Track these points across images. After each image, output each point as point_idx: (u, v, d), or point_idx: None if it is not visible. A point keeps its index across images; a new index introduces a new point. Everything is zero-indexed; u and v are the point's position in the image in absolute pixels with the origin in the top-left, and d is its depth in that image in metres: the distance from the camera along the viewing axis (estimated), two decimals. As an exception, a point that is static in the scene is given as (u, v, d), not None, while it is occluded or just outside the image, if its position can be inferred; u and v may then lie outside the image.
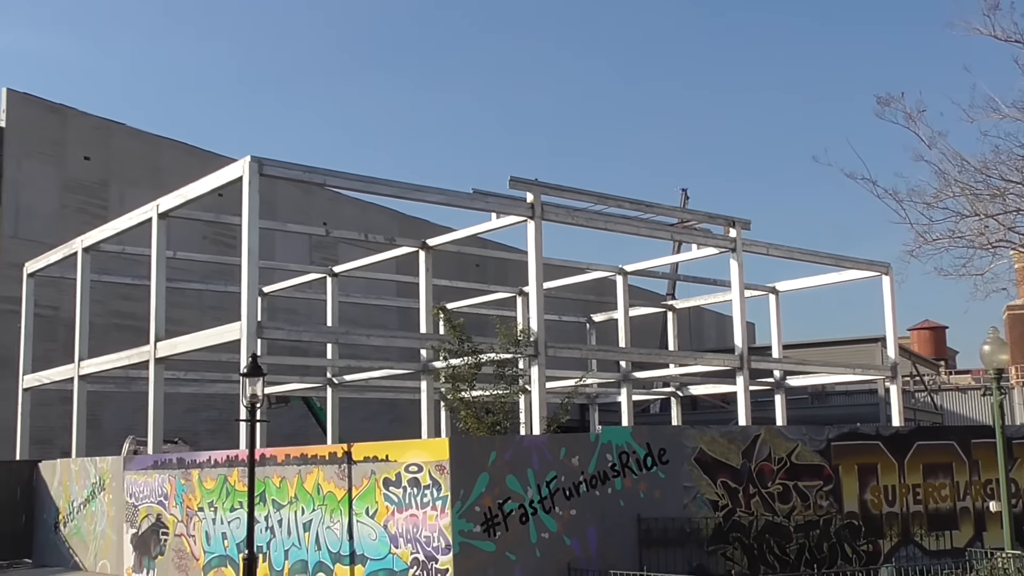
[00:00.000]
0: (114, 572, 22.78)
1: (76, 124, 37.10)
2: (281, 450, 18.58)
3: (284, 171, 20.86)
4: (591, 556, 15.68)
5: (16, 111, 35.28)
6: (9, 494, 26.56)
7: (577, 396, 31.32)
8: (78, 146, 36.85)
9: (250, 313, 19.93)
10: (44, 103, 36.43)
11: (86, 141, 37.14)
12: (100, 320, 30.66)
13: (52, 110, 36.58)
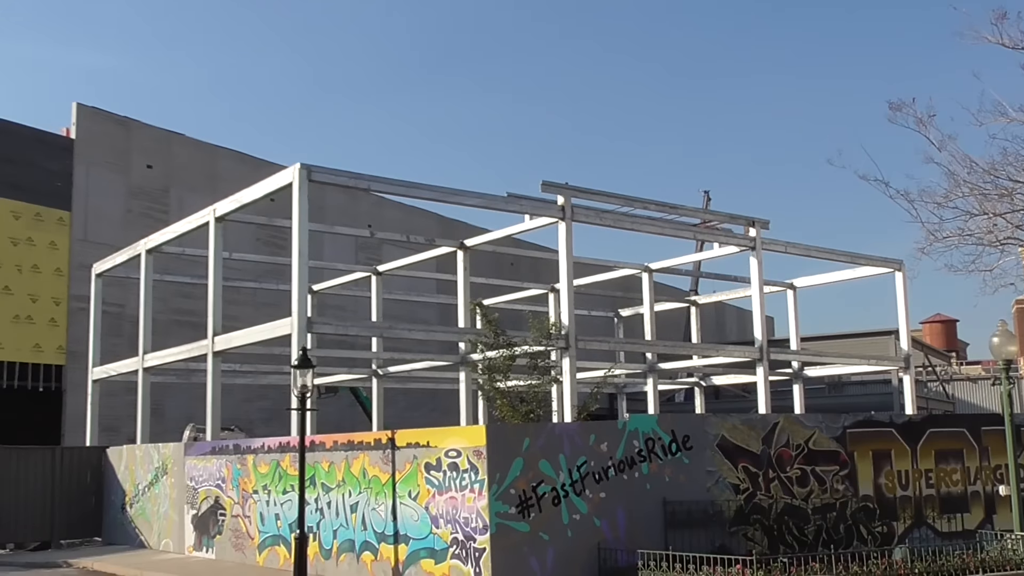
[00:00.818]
0: (176, 550, 22.97)
1: (140, 135, 37.39)
2: (330, 437, 18.67)
3: (331, 177, 20.92)
4: (620, 536, 15.62)
5: (85, 124, 35.59)
6: (80, 478, 26.80)
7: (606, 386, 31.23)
8: (141, 155, 37.12)
9: (300, 309, 20.03)
10: (110, 116, 36.70)
11: (149, 151, 37.42)
12: (162, 317, 30.90)
13: (118, 123, 36.85)
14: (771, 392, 26.54)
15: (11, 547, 25.67)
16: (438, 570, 15.50)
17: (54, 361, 33.64)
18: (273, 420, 33.77)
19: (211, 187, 34.68)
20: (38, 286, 33.65)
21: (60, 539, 26.13)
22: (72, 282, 33.94)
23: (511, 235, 27.05)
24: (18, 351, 32.86)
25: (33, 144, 34.50)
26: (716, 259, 32.67)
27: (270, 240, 36.66)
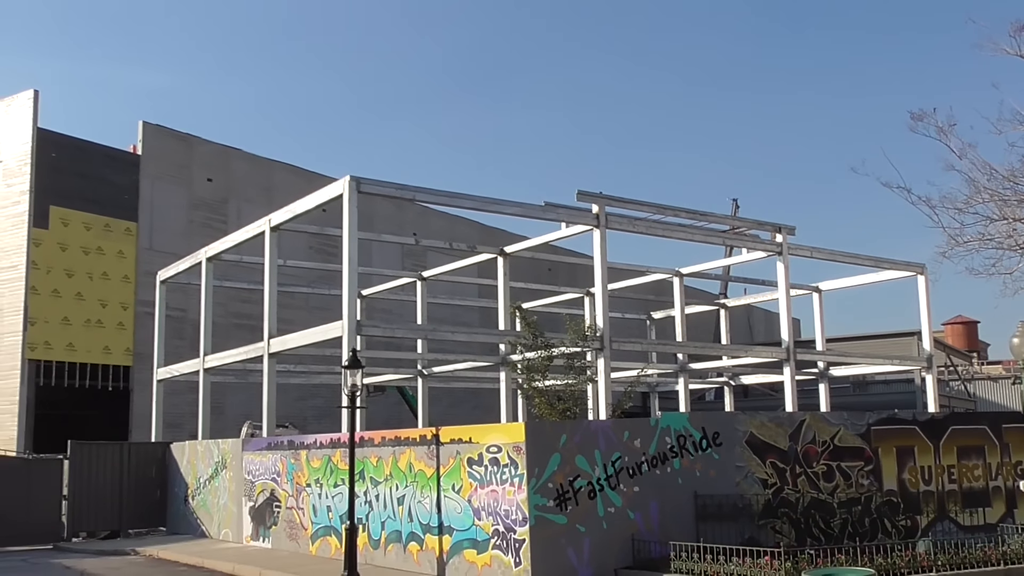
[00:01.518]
0: (235, 540, 23.15)
1: (200, 151, 37.77)
2: (378, 433, 18.73)
3: (379, 188, 21.00)
4: (653, 528, 15.52)
5: (150, 141, 36.02)
6: (146, 472, 27.12)
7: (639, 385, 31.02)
8: (202, 169, 37.49)
9: (350, 313, 20.11)
10: (173, 133, 37.10)
11: (209, 165, 37.79)
12: (221, 320, 31.17)
13: (180, 139, 37.25)
14: (798, 391, 26.27)
15: (84, 535, 26.01)
16: (480, 560, 15.50)
17: (122, 362, 34.00)
18: (325, 417, 33.97)
19: (267, 199, 34.97)
20: (107, 292, 34.06)
21: (128, 528, 26.48)
22: (138, 288, 34.33)
23: (548, 242, 27.01)
24: (89, 353, 33.29)
25: (103, 160, 35.01)
26: (744, 264, 32.39)
27: (322, 248, 36.89)
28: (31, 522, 25.13)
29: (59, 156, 33.35)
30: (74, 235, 33.48)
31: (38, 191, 32.54)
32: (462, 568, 15.83)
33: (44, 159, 32.82)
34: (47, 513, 25.55)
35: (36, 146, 32.64)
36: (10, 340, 32.02)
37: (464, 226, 43.29)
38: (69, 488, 25.89)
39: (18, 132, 33.16)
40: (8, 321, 32.26)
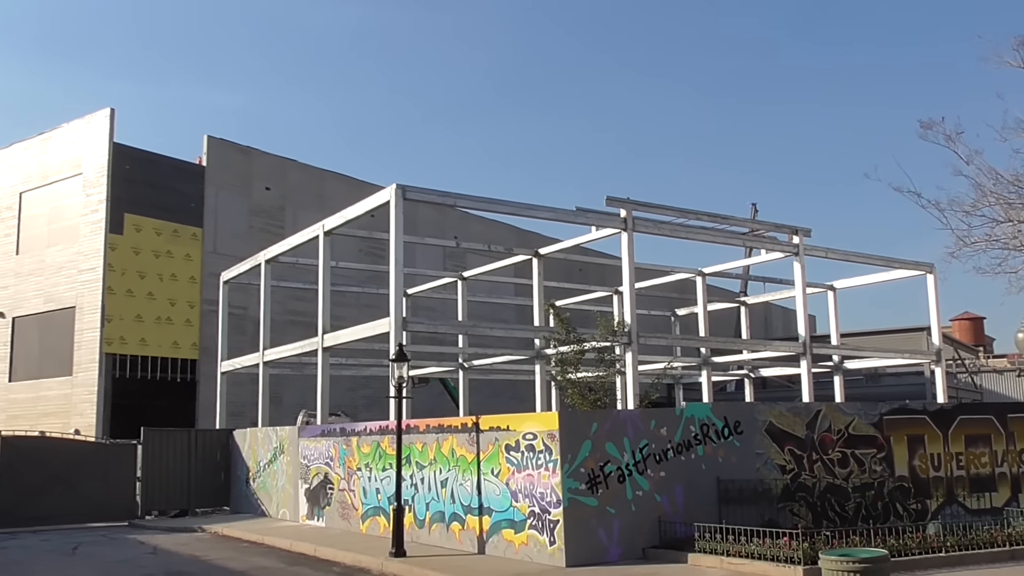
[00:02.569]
0: (292, 519, 23.31)
1: (259, 162, 38.02)
2: (423, 421, 18.77)
3: (423, 195, 21.04)
4: (678, 511, 15.44)
5: (214, 153, 36.33)
6: (212, 456, 27.33)
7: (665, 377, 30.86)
8: (261, 179, 37.76)
9: (397, 311, 20.16)
10: (235, 146, 37.35)
11: (267, 175, 38.04)
12: (279, 317, 31.36)
13: (241, 151, 37.51)
14: (813, 383, 25.99)
15: (156, 513, 26.27)
16: (517, 539, 15.49)
17: (189, 356, 34.32)
18: (374, 406, 34.08)
19: (320, 205, 35.13)
20: (176, 292, 34.39)
21: (195, 507, 26.70)
22: (204, 288, 34.60)
23: (579, 244, 26.93)
24: (159, 347, 33.66)
25: (172, 171, 35.36)
26: (763, 264, 32.14)
27: (370, 251, 37.05)
28: (109, 501, 25.46)
29: (133, 168, 33.73)
30: (146, 240, 33.83)
31: (114, 200, 32.96)
32: (501, 546, 15.84)
33: (119, 171, 33.23)
34: (123, 493, 25.86)
35: (112, 159, 33.04)
36: (89, 336, 32.47)
37: (501, 230, 43.25)
38: (142, 470, 26.17)
39: (96, 147, 33.63)
40: (87, 319, 32.72)
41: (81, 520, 24.76)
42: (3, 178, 37.08)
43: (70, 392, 32.70)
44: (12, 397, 34.52)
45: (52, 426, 31.10)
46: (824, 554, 8.97)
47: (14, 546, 20.55)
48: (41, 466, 24.79)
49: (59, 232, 34.59)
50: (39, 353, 34.34)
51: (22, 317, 35.15)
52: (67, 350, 33.09)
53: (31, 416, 33.03)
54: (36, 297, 34.70)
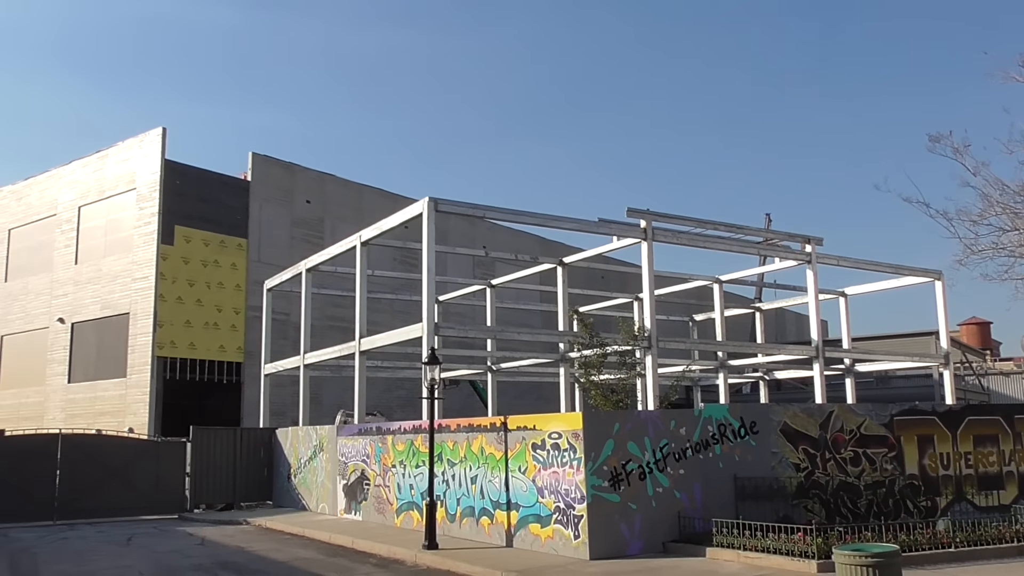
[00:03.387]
0: (330, 513, 23.39)
1: (301, 177, 38.24)
2: (454, 421, 18.79)
3: (454, 208, 21.10)
4: (697, 507, 15.34)
5: (258, 169, 36.57)
6: (256, 453, 27.46)
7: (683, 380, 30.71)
8: (302, 193, 37.97)
9: (429, 316, 20.24)
10: (278, 162, 37.56)
11: (308, 189, 38.24)
12: (318, 323, 31.53)
13: (283, 167, 37.71)
14: (826, 385, 25.75)
15: (203, 507, 26.45)
16: (543, 533, 15.46)
17: (235, 359, 34.51)
18: (408, 407, 34.20)
19: (357, 217, 35.31)
20: (222, 299, 34.63)
21: (240, 501, 26.84)
22: (248, 295, 34.85)
23: (601, 253, 26.86)
24: (207, 351, 33.90)
25: (219, 186, 35.65)
26: (777, 271, 31.90)
27: (404, 260, 37.19)
28: (160, 495, 25.69)
29: (183, 183, 34.04)
30: (195, 250, 34.11)
31: (165, 213, 33.30)
32: (528, 540, 15.81)
33: (170, 186, 33.57)
34: (173, 488, 26.06)
35: (164, 175, 33.40)
36: (142, 340, 32.80)
37: (527, 240, 43.27)
38: (191, 466, 26.35)
39: (149, 163, 34.01)
40: (141, 324, 33.05)
41: (134, 513, 25.01)
42: (64, 193, 37.63)
43: (124, 393, 33.04)
44: (71, 397, 34.95)
45: (108, 425, 31.48)
46: (838, 549, 8.87)
47: (74, 536, 20.81)
48: (98, 462, 25.03)
49: (115, 243, 35.00)
50: (96, 356, 34.73)
51: (81, 323, 35.59)
52: (122, 353, 33.44)
53: (89, 415, 33.42)
54: (93, 304, 35.11)
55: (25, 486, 23.84)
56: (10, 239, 39.95)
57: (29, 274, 38.41)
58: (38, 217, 38.70)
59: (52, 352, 36.26)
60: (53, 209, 37.96)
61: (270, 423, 29.77)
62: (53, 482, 24.33)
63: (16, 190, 40.34)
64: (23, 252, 39.10)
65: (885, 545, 9.27)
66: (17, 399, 37.16)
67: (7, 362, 38.54)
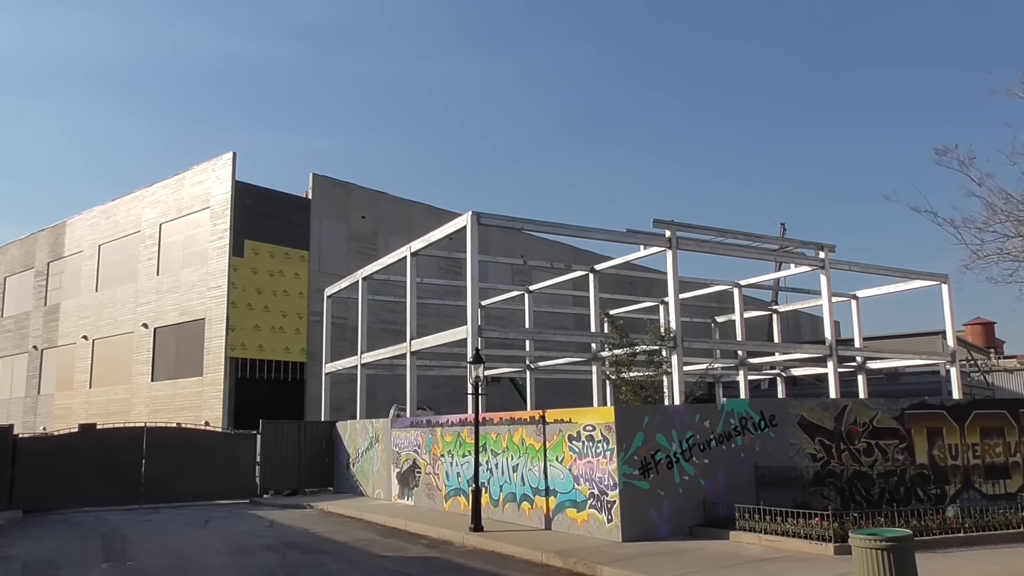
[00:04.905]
0: (385, 499, 23.48)
1: (356, 194, 38.49)
2: (496, 414, 18.80)
3: (494, 220, 21.16)
4: (720, 493, 15.17)
5: (318, 188, 36.93)
6: (318, 444, 27.60)
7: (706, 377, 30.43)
8: (357, 209, 38.25)
9: (473, 319, 20.29)
10: (335, 181, 37.86)
11: (362, 206, 38.51)
12: (373, 326, 31.69)
13: (340, 185, 38.03)
14: (839, 381, 25.33)
15: (272, 493, 26.65)
16: (579, 517, 15.40)
17: (298, 359, 34.80)
18: (454, 402, 34.25)
19: (407, 231, 35.52)
20: (287, 305, 35.00)
21: (304, 488, 26.99)
22: (310, 302, 35.14)
23: (630, 261, 26.75)
24: (274, 352, 34.26)
25: (283, 204, 36.05)
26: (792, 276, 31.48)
27: (449, 268, 37.33)
28: (233, 482, 25.96)
29: (251, 202, 34.48)
30: (262, 262, 34.51)
31: (236, 229, 33.77)
32: (565, 523, 15.77)
33: (240, 204, 34.05)
34: (245, 475, 26.30)
35: (234, 194, 33.88)
36: (216, 343, 33.27)
37: (561, 249, 43.19)
38: (261, 456, 26.55)
39: (221, 184, 34.54)
40: (215, 328, 33.53)
41: (210, 498, 25.33)
42: (146, 212, 38.38)
43: (201, 390, 33.54)
44: (154, 394, 35.57)
45: (186, 419, 31.98)
46: (854, 533, 8.70)
47: (157, 519, 21.16)
48: (178, 452, 25.39)
49: (191, 256, 35.57)
50: (175, 357, 35.32)
51: (162, 327, 36.22)
52: (198, 355, 33.95)
53: (169, 410, 33.99)
54: (173, 310, 35.70)
55: (115, 474, 24.27)
56: (100, 254, 40.84)
57: (117, 285, 39.21)
58: (124, 233, 39.51)
59: (137, 354, 36.95)
60: (137, 226, 38.72)
61: (330, 417, 29.97)
62: (139, 470, 24.74)
63: (105, 210, 41.25)
64: (111, 265, 39.95)
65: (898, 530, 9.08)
66: (107, 396, 37.94)
67: (98, 363, 39.37)
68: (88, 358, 39.76)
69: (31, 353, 43.92)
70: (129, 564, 14.06)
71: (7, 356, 46.02)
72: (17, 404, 43.88)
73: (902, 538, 8.47)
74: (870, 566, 8.32)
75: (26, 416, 42.31)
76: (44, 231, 45.47)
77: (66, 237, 43.44)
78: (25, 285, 46.05)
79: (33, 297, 45.03)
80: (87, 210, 42.60)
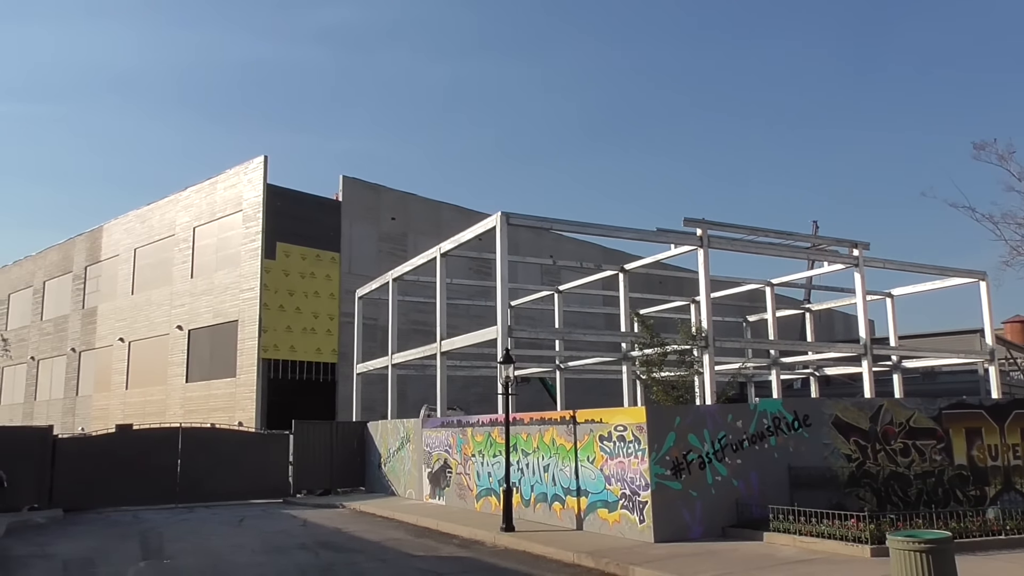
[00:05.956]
0: (417, 498, 23.56)
1: (385, 196, 38.67)
2: (527, 414, 18.78)
3: (523, 221, 21.13)
4: (754, 494, 15.01)
5: (348, 190, 37.16)
6: (349, 444, 27.69)
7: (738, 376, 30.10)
8: (387, 211, 38.42)
9: (503, 320, 20.29)
10: (365, 183, 38.07)
11: (392, 207, 38.69)
12: (403, 327, 31.82)
13: (370, 188, 38.22)
14: (874, 380, 24.94)
15: (304, 492, 26.81)
16: (611, 518, 15.35)
17: (330, 360, 35.06)
18: (484, 402, 34.32)
19: (436, 232, 35.65)
20: (319, 306, 35.26)
21: (336, 488, 27.11)
22: (341, 303, 35.41)
23: (660, 260, 26.58)
24: (306, 352, 34.54)
25: (315, 206, 36.34)
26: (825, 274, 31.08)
27: (479, 269, 37.38)
28: (266, 481, 26.16)
29: (282, 204, 34.80)
30: (294, 263, 34.81)
31: (267, 231, 34.10)
32: (596, 524, 15.72)
33: (272, 207, 34.37)
34: (278, 475, 26.49)
35: (266, 198, 34.20)
36: (249, 344, 33.62)
37: (590, 249, 43.06)
38: (293, 456, 26.71)
39: (253, 188, 34.90)
40: (248, 330, 33.89)
41: (244, 497, 25.57)
42: (180, 216, 38.93)
43: (234, 391, 33.93)
44: (189, 395, 36.07)
45: (220, 419, 32.36)
46: (891, 535, 8.55)
47: (193, 518, 21.45)
48: (212, 452, 25.67)
49: (224, 259, 36.00)
50: (209, 359, 35.77)
51: (196, 329, 36.71)
52: (231, 356, 34.35)
53: (203, 411, 34.42)
54: (207, 312, 36.16)
55: (151, 473, 24.61)
56: (135, 257, 41.52)
57: (152, 287, 39.83)
58: (159, 237, 40.12)
59: (172, 355, 37.49)
60: (172, 230, 39.29)
61: (361, 417, 30.12)
62: (175, 470, 25.06)
63: (140, 214, 41.93)
64: (146, 268, 40.58)
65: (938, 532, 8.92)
66: (143, 397, 38.56)
67: (134, 365, 40.02)
68: (124, 360, 40.43)
69: (70, 355, 44.79)
70: (166, 563, 14.27)
71: (47, 358, 46.98)
72: (56, 405, 44.77)
73: (942, 540, 8.31)
74: (909, 568, 8.18)
75: (65, 417, 43.15)
76: (81, 236, 46.34)
77: (102, 241, 44.23)
78: (64, 289, 46.97)
79: (71, 300, 45.92)
80: (123, 215, 43.36)
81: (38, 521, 20.91)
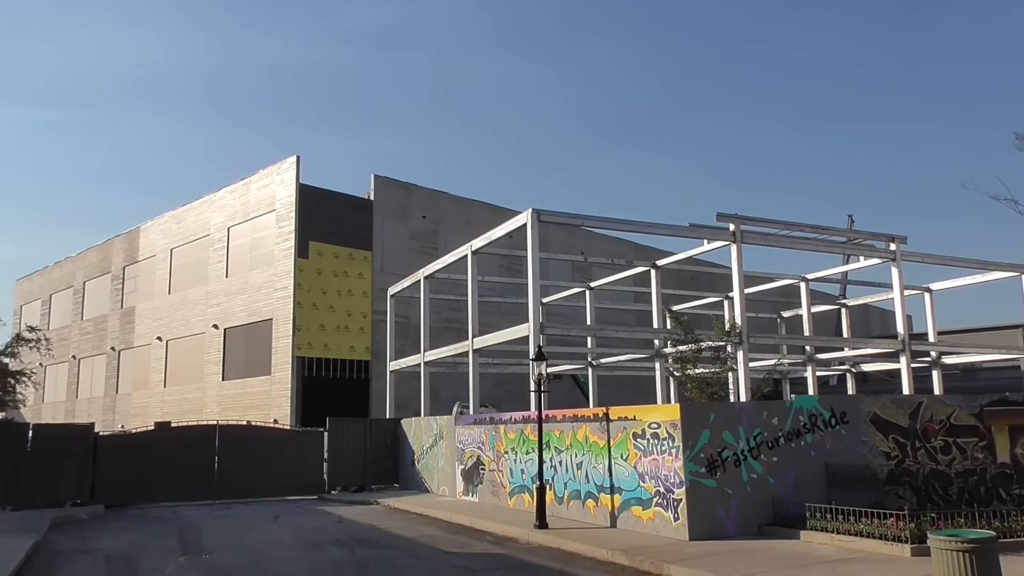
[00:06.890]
0: (450, 495, 23.62)
1: (417, 195, 38.83)
2: (559, 412, 18.74)
3: (554, 218, 21.10)
4: (790, 492, 14.85)
5: (380, 189, 37.38)
6: (383, 441, 27.79)
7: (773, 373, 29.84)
8: (418, 209, 38.59)
9: (534, 317, 20.28)
10: (396, 182, 38.26)
11: (423, 205, 38.84)
12: (435, 324, 31.95)
13: (401, 186, 38.40)
14: (913, 377, 24.51)
15: (339, 489, 26.95)
16: (645, 515, 15.27)
17: (363, 357, 35.27)
18: (516, 399, 34.32)
19: (467, 229, 35.69)
20: (352, 305, 35.51)
21: (370, 484, 27.23)
22: (374, 301, 35.57)
23: (692, 256, 26.37)
24: (339, 350, 34.80)
25: (347, 205, 36.62)
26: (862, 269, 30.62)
27: (510, 266, 37.40)
28: (302, 478, 26.39)
29: (315, 204, 35.08)
30: (327, 262, 35.08)
31: (300, 230, 34.41)
32: (630, 521, 15.65)
33: (304, 206, 34.68)
34: (313, 472, 26.69)
35: (299, 197, 34.52)
36: (284, 343, 33.98)
37: (621, 245, 42.85)
38: (328, 453, 26.87)
39: (286, 188, 35.25)
40: (282, 328, 34.26)
41: (280, 494, 25.82)
42: (215, 216, 39.46)
43: (269, 389, 34.31)
44: (225, 393, 36.56)
45: (256, 416, 32.71)
46: (933, 534, 8.40)
47: (230, 514, 21.74)
48: (249, 449, 25.95)
49: (258, 258, 36.42)
50: (245, 357, 36.21)
51: (231, 328, 37.19)
52: (266, 354, 34.74)
53: (239, 408, 34.87)
54: (242, 311, 36.61)
55: (189, 470, 24.97)
56: (172, 257, 42.19)
57: (188, 287, 40.43)
58: (194, 238, 40.71)
59: (208, 354, 38.02)
60: (207, 230, 39.83)
61: (395, 414, 30.28)
62: (212, 466, 25.40)
63: (176, 215, 42.58)
64: (182, 268, 41.21)
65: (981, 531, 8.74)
66: (180, 395, 39.17)
67: (172, 363, 40.67)
68: (162, 358, 41.11)
69: (109, 354, 45.67)
70: (205, 558, 14.49)
71: (87, 357, 47.96)
72: (97, 403, 45.70)
73: (985, 539, 8.15)
74: (952, 569, 8.03)
75: (105, 415, 44.02)
76: (119, 237, 47.21)
77: (140, 242, 45.00)
78: (103, 289, 47.91)
79: (110, 300, 46.80)
80: (159, 215, 44.08)
81: (80, 517, 21.34)
